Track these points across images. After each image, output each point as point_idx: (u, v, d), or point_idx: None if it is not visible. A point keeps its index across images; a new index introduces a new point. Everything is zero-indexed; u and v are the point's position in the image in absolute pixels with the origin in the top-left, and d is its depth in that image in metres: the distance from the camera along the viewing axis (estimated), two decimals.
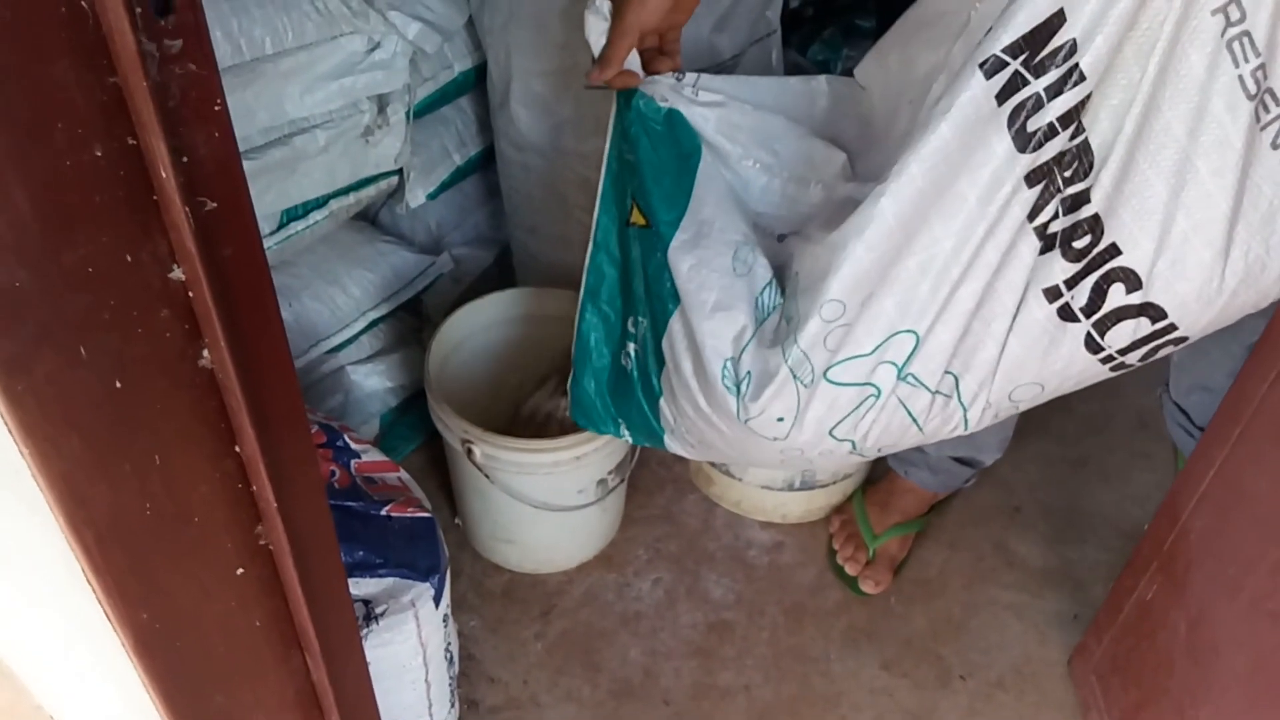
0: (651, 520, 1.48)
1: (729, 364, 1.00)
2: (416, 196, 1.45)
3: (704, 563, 1.43)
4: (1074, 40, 0.80)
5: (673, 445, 1.14)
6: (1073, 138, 0.85)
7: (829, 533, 1.47)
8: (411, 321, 1.54)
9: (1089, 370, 0.96)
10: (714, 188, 1.03)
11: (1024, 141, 0.83)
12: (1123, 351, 0.94)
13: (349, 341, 1.41)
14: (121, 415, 0.53)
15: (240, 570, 0.65)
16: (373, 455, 1.16)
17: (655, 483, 1.53)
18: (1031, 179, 0.86)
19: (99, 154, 0.45)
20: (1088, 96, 0.83)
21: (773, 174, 1.08)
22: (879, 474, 1.49)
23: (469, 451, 1.21)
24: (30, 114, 0.42)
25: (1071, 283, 0.90)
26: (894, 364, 0.94)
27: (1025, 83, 0.82)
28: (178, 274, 0.52)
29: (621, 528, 1.46)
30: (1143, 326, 0.92)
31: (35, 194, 0.43)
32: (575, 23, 1.30)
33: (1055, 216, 0.88)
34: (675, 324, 1.02)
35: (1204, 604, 1.05)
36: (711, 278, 1.00)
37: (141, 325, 0.51)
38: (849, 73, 1.89)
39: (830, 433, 0.99)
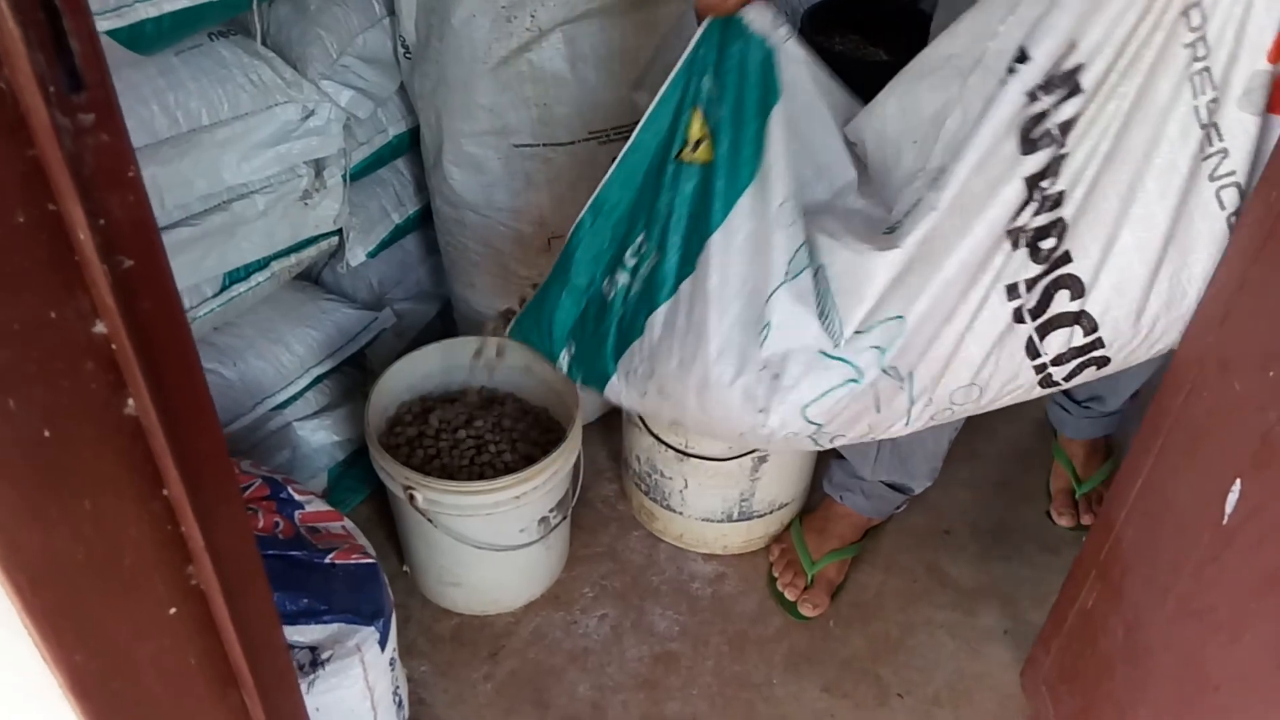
0: (596, 558, 1.52)
1: (763, 304, 1.02)
2: (357, 255, 1.50)
3: (649, 597, 1.47)
4: (1080, 63, 0.89)
5: (616, 388, 1.13)
6: (1062, 146, 0.93)
7: (769, 561, 1.52)
8: (356, 376, 1.58)
9: (1022, 379, 1.03)
10: (780, 137, 1.02)
11: (1029, 146, 0.92)
12: (1055, 362, 1.01)
13: (294, 398, 1.45)
14: (51, 463, 0.57)
15: (173, 610, 0.68)
16: (317, 505, 1.19)
17: (599, 521, 1.57)
18: (1030, 181, 0.94)
19: (21, 220, 0.50)
20: (1081, 111, 0.92)
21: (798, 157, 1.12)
22: (815, 502, 1.54)
23: (411, 497, 1.25)
24: None
25: (1032, 284, 0.97)
26: (880, 349, 0.99)
27: (1037, 98, 0.91)
28: (100, 328, 0.56)
29: (567, 566, 1.50)
30: (1076, 336, 0.99)
31: None
32: (502, 85, 1.37)
33: (1032, 215, 0.95)
34: (713, 260, 1.02)
35: (1139, 608, 1.10)
36: (761, 225, 1.01)
37: (67, 378, 0.55)
38: None
39: (804, 411, 1.03)
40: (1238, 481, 0.94)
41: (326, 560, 1.12)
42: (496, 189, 1.44)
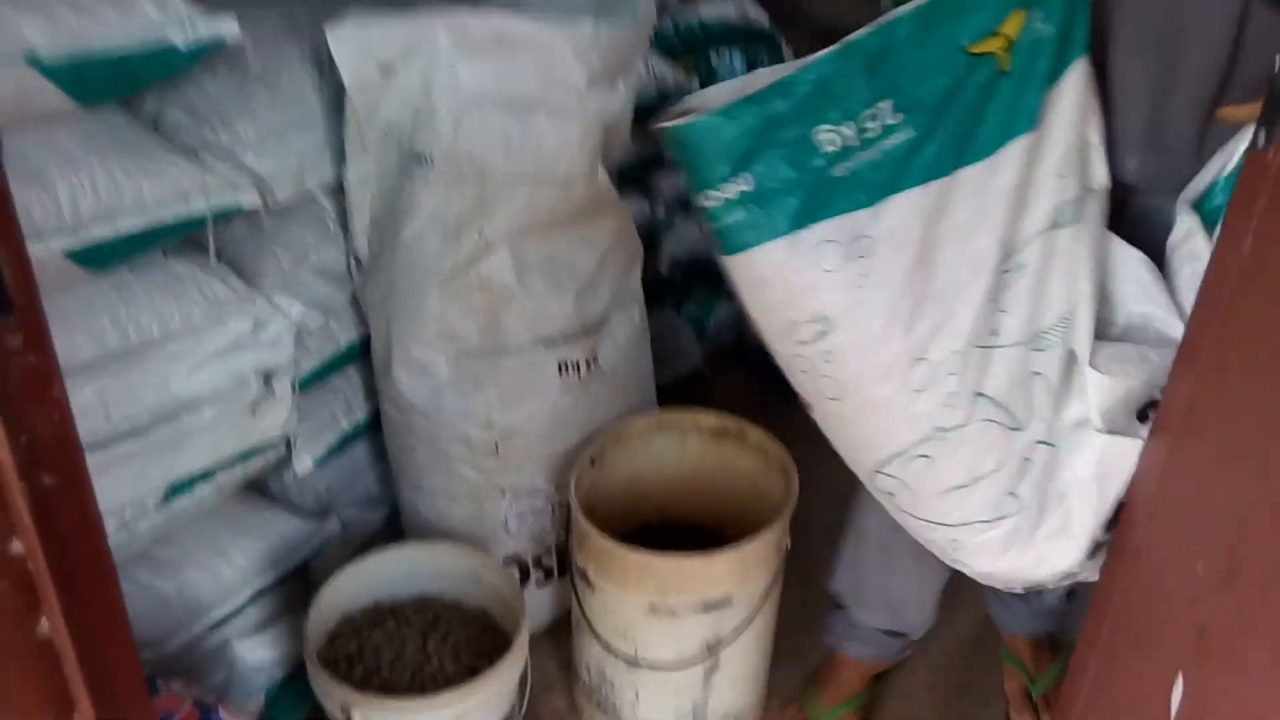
0: None
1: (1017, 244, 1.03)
2: (304, 463, 1.49)
3: None
4: None
5: (780, 251, 0.99)
6: None
7: None
8: (299, 588, 1.53)
9: None
10: (1075, 88, 1.02)
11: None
12: None
13: (234, 614, 1.40)
14: None
15: None
16: None
17: None
18: None
19: None
20: None
21: None
22: (819, 658, 1.57)
23: (348, 718, 1.20)
24: None
25: None
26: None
27: None
28: (16, 547, 0.55)
29: None
30: None
31: None
32: (451, 295, 1.41)
33: None
34: (974, 180, 1.00)
35: None
36: (1034, 169, 1.02)
37: None
38: (724, 327, 2.12)
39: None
40: (1180, 679, 0.93)
41: None
42: (445, 393, 1.46)
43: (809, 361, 1.06)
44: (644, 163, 1.95)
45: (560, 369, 1.49)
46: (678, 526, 1.58)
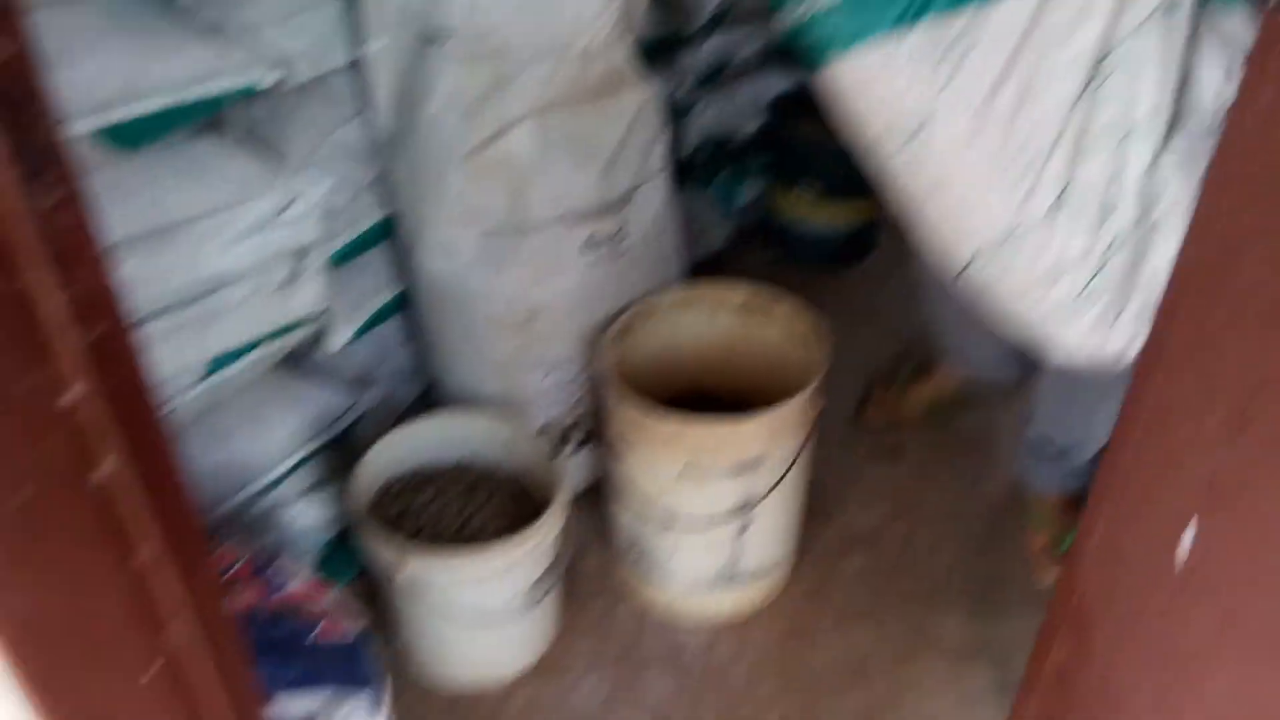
0: (587, 628, 1.52)
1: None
2: (339, 339, 1.53)
3: (640, 667, 1.47)
4: None
5: (871, 53, 1.03)
6: None
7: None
8: (343, 455, 1.59)
9: None
10: None
11: None
12: None
13: (280, 480, 1.46)
14: (26, 528, 0.59)
15: (152, 669, 0.70)
16: (303, 579, 1.20)
17: (588, 592, 1.57)
18: None
19: None
20: None
21: None
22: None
23: (399, 569, 1.26)
24: None
25: None
26: None
27: None
28: (71, 395, 0.59)
29: (559, 636, 1.50)
30: None
31: None
32: (474, 172, 1.42)
33: None
34: None
35: (1109, 658, 1.10)
36: None
37: (40, 444, 0.58)
38: (749, 205, 2.12)
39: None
40: (1193, 524, 0.96)
41: (314, 632, 1.13)
42: (471, 271, 1.48)
43: (903, 163, 1.09)
44: (668, 41, 1.92)
45: (587, 244, 1.50)
46: (709, 397, 1.61)
